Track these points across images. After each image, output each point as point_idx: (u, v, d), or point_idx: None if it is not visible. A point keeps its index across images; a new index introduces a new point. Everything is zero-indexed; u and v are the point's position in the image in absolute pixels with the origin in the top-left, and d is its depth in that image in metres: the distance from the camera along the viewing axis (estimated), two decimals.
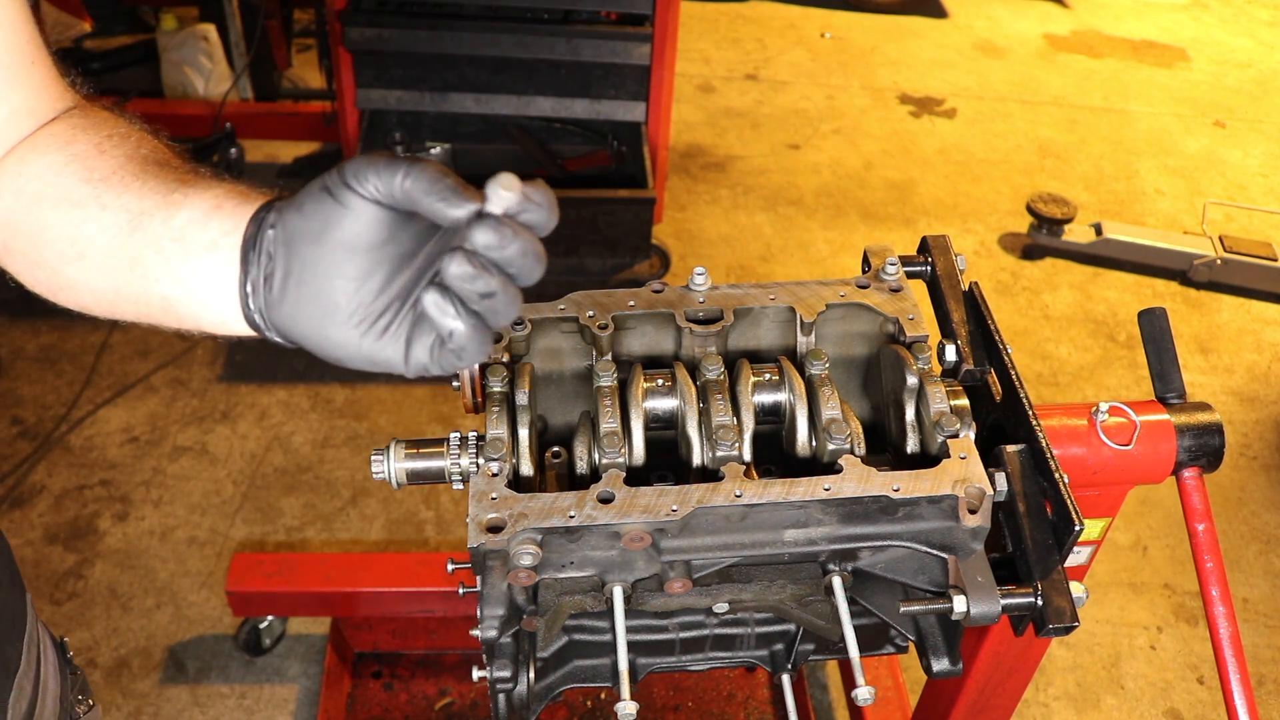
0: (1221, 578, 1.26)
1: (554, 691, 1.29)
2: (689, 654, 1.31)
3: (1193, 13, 6.18)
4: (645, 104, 3.36)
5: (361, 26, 3.18)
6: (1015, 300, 3.84)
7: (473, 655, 2.54)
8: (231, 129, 3.88)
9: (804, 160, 4.52)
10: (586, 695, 2.46)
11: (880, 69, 5.29)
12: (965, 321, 1.23)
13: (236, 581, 2.36)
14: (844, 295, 1.21)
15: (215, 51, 4.21)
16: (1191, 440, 1.26)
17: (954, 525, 1.03)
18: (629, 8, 3.21)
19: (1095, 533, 1.42)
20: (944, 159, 4.61)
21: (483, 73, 3.29)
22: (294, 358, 3.36)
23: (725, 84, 5.06)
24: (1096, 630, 2.72)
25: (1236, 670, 1.23)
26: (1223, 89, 5.38)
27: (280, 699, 2.47)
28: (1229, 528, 3.03)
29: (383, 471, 1.11)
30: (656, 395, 1.12)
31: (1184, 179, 4.63)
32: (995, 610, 1.03)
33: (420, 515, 2.89)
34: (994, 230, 4.18)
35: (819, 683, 2.57)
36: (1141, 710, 2.57)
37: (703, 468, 1.09)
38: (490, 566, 1.00)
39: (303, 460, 3.02)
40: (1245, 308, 3.88)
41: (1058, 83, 5.29)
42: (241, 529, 2.82)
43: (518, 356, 1.18)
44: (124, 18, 4.89)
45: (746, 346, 1.23)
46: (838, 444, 1.07)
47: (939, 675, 1.17)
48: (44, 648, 1.16)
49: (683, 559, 1.03)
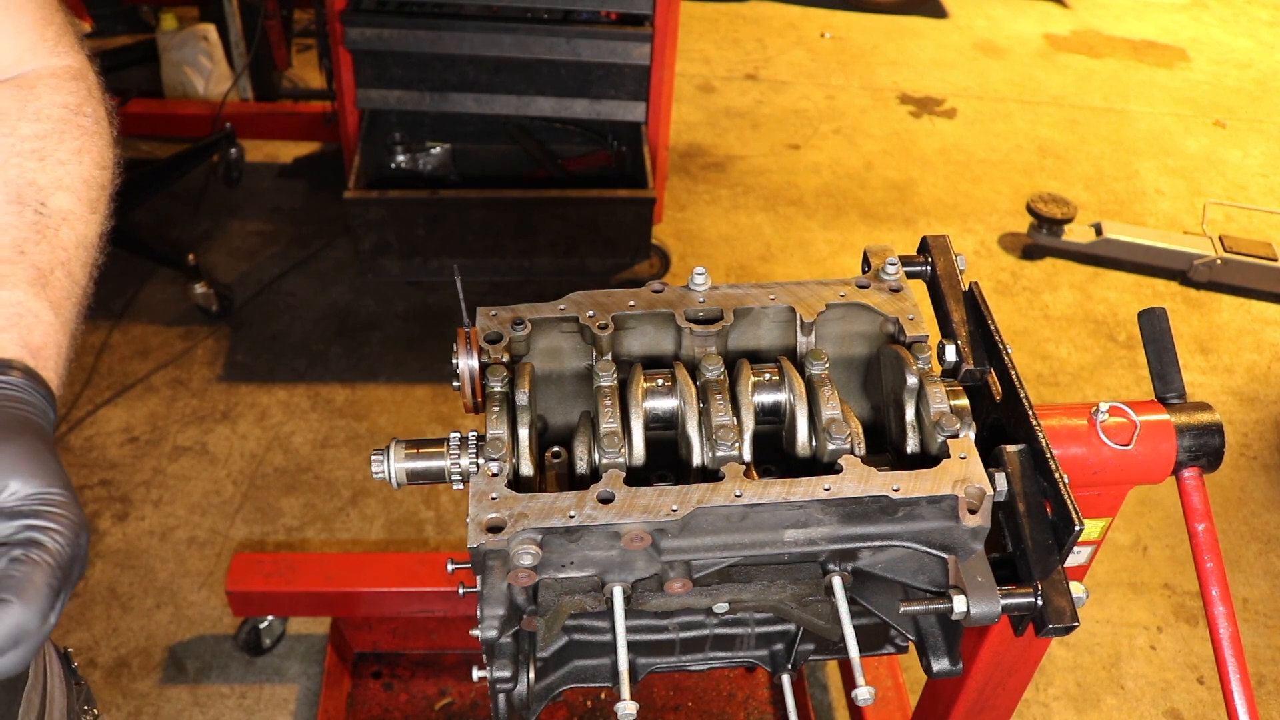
0: (1221, 578, 1.26)
1: (554, 691, 1.29)
2: (689, 654, 1.31)
3: (1193, 13, 6.18)
4: (645, 104, 3.36)
5: (361, 26, 3.18)
6: (1015, 300, 3.84)
7: (473, 655, 2.54)
8: (231, 129, 3.89)
9: (804, 160, 4.52)
10: (586, 695, 2.46)
11: (880, 69, 5.29)
12: (965, 321, 1.23)
13: (236, 581, 2.36)
14: (844, 295, 1.20)
15: (215, 51, 4.22)
16: (1191, 440, 1.26)
17: (954, 525, 1.03)
18: (629, 8, 3.21)
19: (1095, 533, 1.42)
20: (944, 159, 4.61)
21: (483, 73, 3.29)
22: (294, 358, 3.36)
23: (725, 84, 5.07)
24: (1096, 630, 2.72)
25: (1236, 670, 1.23)
26: (1223, 89, 5.38)
27: (280, 699, 2.47)
28: (1229, 528, 3.03)
29: (383, 471, 1.11)
30: (656, 395, 1.12)
31: (1184, 179, 4.63)
32: (995, 610, 1.03)
33: (420, 515, 2.89)
34: (994, 230, 4.18)
35: (819, 683, 2.57)
36: (1141, 710, 2.57)
37: (703, 468, 1.09)
38: (490, 566, 1.00)
39: (303, 460, 3.02)
40: (1245, 308, 3.88)
41: (1058, 83, 5.29)
42: (241, 529, 2.82)
43: (518, 356, 1.18)
44: (124, 18, 4.89)
45: (746, 346, 1.23)
46: (838, 444, 1.07)
47: (939, 675, 1.17)
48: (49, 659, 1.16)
49: (683, 559, 1.03)
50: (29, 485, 0.76)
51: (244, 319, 3.51)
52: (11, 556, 0.73)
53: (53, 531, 0.74)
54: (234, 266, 3.70)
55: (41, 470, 0.77)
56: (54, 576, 0.73)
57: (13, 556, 0.73)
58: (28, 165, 0.96)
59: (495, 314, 1.19)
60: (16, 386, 0.83)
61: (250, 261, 3.74)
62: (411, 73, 3.29)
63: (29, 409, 0.83)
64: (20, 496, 0.75)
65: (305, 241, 3.84)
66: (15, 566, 0.72)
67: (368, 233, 3.34)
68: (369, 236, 3.35)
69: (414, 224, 3.34)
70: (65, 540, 0.75)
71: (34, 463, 0.77)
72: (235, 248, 3.80)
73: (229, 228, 3.90)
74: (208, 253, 3.74)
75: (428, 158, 3.73)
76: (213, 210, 3.95)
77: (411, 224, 3.34)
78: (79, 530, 0.76)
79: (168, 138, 4.00)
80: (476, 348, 1.11)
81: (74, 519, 0.76)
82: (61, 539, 0.75)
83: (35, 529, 0.74)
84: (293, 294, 3.61)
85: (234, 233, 3.87)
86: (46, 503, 0.76)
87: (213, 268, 3.63)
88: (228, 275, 3.64)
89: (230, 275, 3.65)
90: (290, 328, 3.48)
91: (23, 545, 0.73)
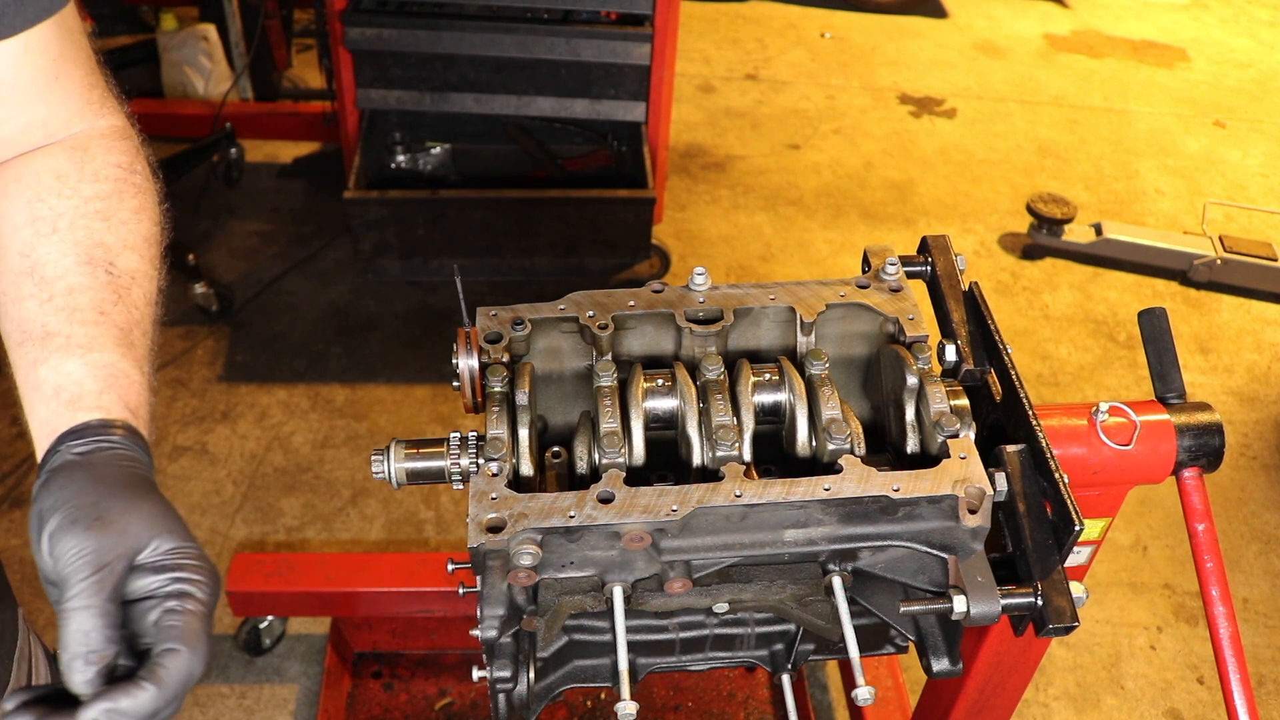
0: (1221, 578, 1.26)
1: (554, 691, 1.29)
2: (689, 654, 1.31)
3: (1193, 13, 6.18)
4: (645, 104, 3.36)
5: (361, 26, 3.18)
6: (1015, 300, 3.84)
7: (473, 655, 2.54)
8: (231, 129, 3.89)
9: (804, 160, 4.52)
10: (586, 695, 2.46)
11: (880, 69, 5.29)
12: (965, 321, 1.23)
13: (236, 581, 2.36)
14: (844, 295, 1.20)
15: (215, 51, 4.22)
16: (1191, 440, 1.26)
17: (954, 525, 1.03)
18: (629, 8, 3.21)
19: (1095, 533, 1.42)
20: (944, 159, 4.61)
21: (483, 73, 3.29)
22: (294, 358, 3.36)
23: (725, 84, 5.07)
24: (1096, 630, 2.72)
25: (1236, 670, 1.23)
26: (1223, 89, 5.38)
27: (280, 699, 2.47)
28: (1229, 528, 3.03)
29: (383, 471, 1.11)
30: (656, 395, 1.12)
31: (1184, 179, 4.63)
32: (995, 610, 1.03)
33: (420, 515, 2.89)
34: (994, 230, 4.18)
35: (819, 683, 2.57)
36: (1141, 710, 2.57)
37: (703, 468, 1.09)
38: (490, 566, 1.00)
39: (303, 460, 3.02)
40: (1245, 308, 3.88)
41: (1058, 83, 5.29)
42: (241, 529, 2.82)
43: (518, 356, 1.18)
44: (124, 18, 4.89)
45: (746, 346, 1.23)
46: (838, 444, 1.07)
47: (939, 675, 1.17)
48: (36, 662, 1.16)
49: (683, 559, 1.03)
50: (169, 541, 0.80)
51: (244, 319, 3.51)
52: (167, 608, 0.78)
53: (199, 582, 0.80)
54: (234, 266, 3.70)
55: (177, 527, 0.82)
56: (207, 623, 0.79)
57: (168, 608, 0.78)
58: (95, 226, 0.97)
59: (495, 314, 1.19)
60: (128, 445, 0.87)
61: (250, 261, 3.74)
62: (411, 73, 3.29)
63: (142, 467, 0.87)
64: (162, 551, 0.80)
65: (305, 241, 3.84)
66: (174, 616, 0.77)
67: (368, 233, 3.34)
68: (369, 236, 3.35)
69: (414, 224, 3.34)
70: (209, 590, 0.80)
71: (169, 520, 0.82)
72: (235, 248, 3.80)
73: (229, 228, 3.90)
74: (208, 253, 3.74)
75: (428, 158, 3.73)
76: (213, 210, 3.95)
77: (411, 224, 3.34)
78: (216, 579, 0.82)
79: (168, 138, 4.00)
80: (476, 348, 1.11)
81: (211, 569, 0.82)
82: (206, 588, 0.80)
83: (183, 580, 0.79)
84: (293, 294, 3.61)
85: (234, 233, 3.87)
86: (187, 556, 0.81)
87: (213, 268, 3.63)
88: (228, 275, 3.64)
89: (230, 275, 3.65)
90: (290, 328, 3.48)
91: (176, 597, 0.78)
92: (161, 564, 0.79)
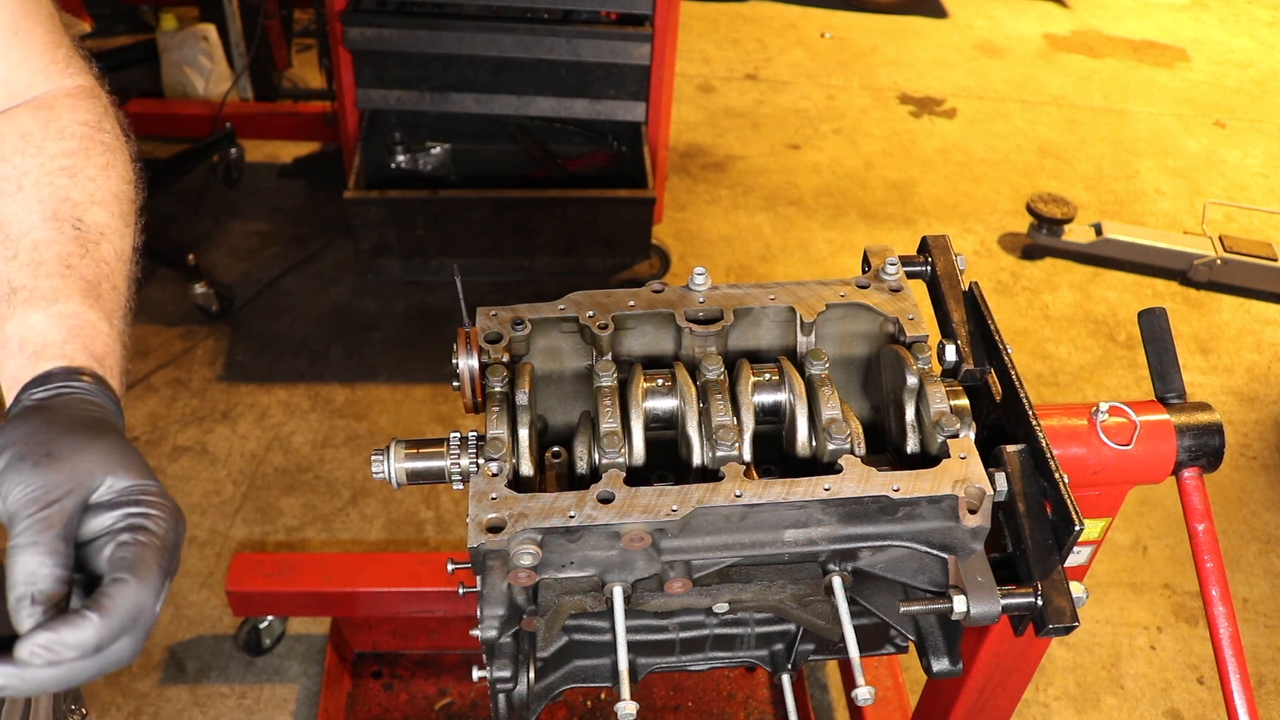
0: (1221, 578, 1.26)
1: (554, 691, 1.29)
2: (689, 654, 1.31)
3: (1193, 13, 6.18)
4: (645, 104, 3.36)
5: (361, 26, 3.18)
6: (1015, 300, 3.84)
7: (473, 655, 2.54)
8: (231, 129, 3.89)
9: (804, 160, 4.52)
10: (586, 695, 2.46)
11: (880, 69, 5.29)
12: (965, 321, 1.23)
13: (236, 581, 2.36)
14: (844, 295, 1.20)
15: (215, 51, 4.22)
16: (1191, 440, 1.26)
17: (954, 525, 1.03)
18: (629, 8, 3.21)
19: (1095, 533, 1.42)
20: (944, 159, 4.61)
21: (483, 73, 3.29)
22: (294, 358, 3.36)
23: (725, 84, 5.06)
24: (1096, 630, 2.72)
25: (1236, 670, 1.23)
26: (1223, 89, 5.38)
27: (280, 699, 2.47)
28: (1229, 528, 3.03)
29: (383, 471, 1.11)
30: (656, 395, 1.12)
31: (1184, 179, 4.63)
32: (995, 610, 1.03)
33: (420, 515, 2.89)
34: (994, 230, 4.18)
35: (819, 683, 2.57)
36: (1141, 710, 2.57)
37: (703, 468, 1.09)
38: (490, 566, 1.00)
39: (303, 460, 3.02)
40: (1245, 308, 3.88)
41: (1058, 83, 5.29)
42: (241, 529, 2.82)
43: (518, 356, 1.18)
44: (124, 18, 4.89)
45: (746, 346, 1.23)
46: (838, 444, 1.07)
47: (939, 675, 1.17)
48: None
49: (683, 559, 1.03)
50: (124, 479, 0.77)
51: (244, 319, 3.50)
52: (120, 540, 0.74)
53: (155, 517, 0.76)
54: (234, 266, 3.70)
55: (134, 465, 0.79)
56: (162, 556, 0.75)
57: (120, 540, 0.74)
58: (60, 183, 0.97)
59: (495, 314, 1.19)
60: (91, 391, 0.85)
61: (250, 261, 3.74)
62: (411, 73, 3.29)
63: (106, 412, 0.85)
64: (117, 490, 0.77)
65: (305, 241, 3.84)
66: (125, 548, 0.74)
67: (368, 232, 3.34)
68: (369, 236, 3.35)
69: (414, 224, 3.34)
70: (167, 524, 0.77)
71: (126, 458, 0.79)
72: (235, 248, 3.80)
73: (229, 228, 3.90)
74: (208, 253, 3.74)
75: (428, 158, 3.73)
76: (213, 210, 3.95)
77: (411, 224, 3.34)
78: (178, 516, 0.78)
79: (168, 138, 4.00)
80: (476, 348, 1.11)
81: (172, 505, 0.78)
82: (164, 523, 0.76)
83: (138, 515, 0.76)
84: (293, 294, 3.61)
85: (234, 233, 3.87)
86: (145, 492, 0.77)
87: (213, 268, 3.63)
88: (228, 275, 3.64)
89: (230, 275, 3.65)
90: (290, 328, 3.48)
91: (129, 530, 0.75)
92: (115, 501, 0.76)
